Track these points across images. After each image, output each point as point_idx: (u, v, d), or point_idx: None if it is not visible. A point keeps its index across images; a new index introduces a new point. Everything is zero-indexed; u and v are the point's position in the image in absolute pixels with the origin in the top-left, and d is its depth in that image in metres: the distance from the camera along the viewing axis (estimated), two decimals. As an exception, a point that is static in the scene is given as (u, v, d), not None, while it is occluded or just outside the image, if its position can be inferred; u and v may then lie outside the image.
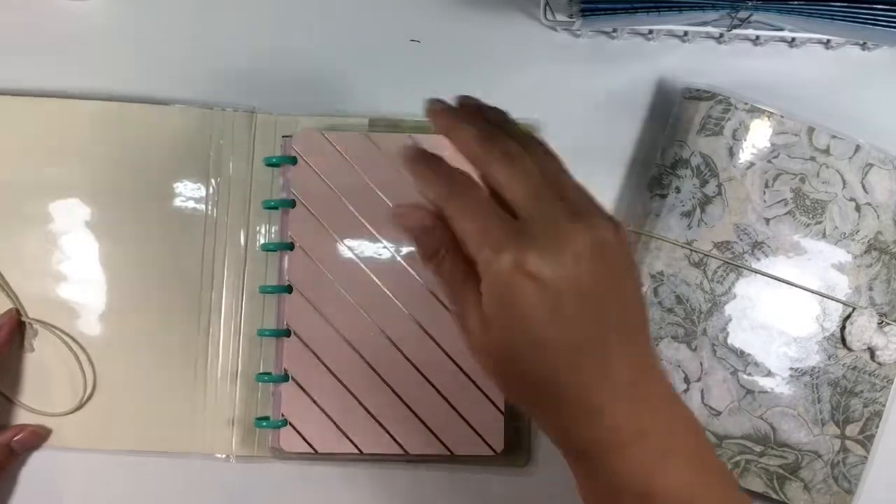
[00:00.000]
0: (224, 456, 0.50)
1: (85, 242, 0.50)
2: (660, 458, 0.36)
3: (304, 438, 0.48)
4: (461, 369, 0.48)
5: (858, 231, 0.49)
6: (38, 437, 0.49)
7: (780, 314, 0.49)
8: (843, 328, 0.48)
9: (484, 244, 0.35)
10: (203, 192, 0.51)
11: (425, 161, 0.37)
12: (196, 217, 0.51)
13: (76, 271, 0.50)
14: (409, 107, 0.52)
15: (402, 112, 0.52)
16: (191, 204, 0.51)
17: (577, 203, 0.36)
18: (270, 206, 0.50)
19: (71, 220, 0.50)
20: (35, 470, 0.50)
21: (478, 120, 0.38)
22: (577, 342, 0.35)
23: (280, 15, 0.53)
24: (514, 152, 0.37)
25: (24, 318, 0.50)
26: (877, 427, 0.49)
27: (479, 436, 0.48)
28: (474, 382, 0.48)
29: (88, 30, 0.52)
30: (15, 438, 0.49)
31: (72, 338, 0.50)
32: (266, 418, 0.49)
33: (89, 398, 0.50)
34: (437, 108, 0.38)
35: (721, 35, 0.51)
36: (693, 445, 0.38)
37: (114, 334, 0.50)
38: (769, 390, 0.48)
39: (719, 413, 0.48)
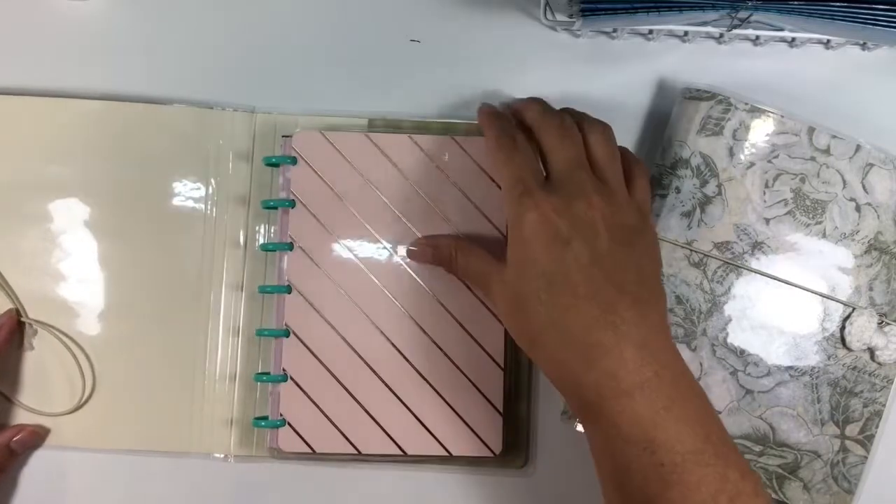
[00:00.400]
0: (222, 456, 0.50)
1: (84, 242, 0.50)
2: (663, 411, 0.37)
3: (302, 438, 0.48)
4: (460, 370, 0.48)
5: (858, 231, 0.49)
6: (38, 436, 0.50)
7: (780, 314, 0.48)
8: (842, 328, 0.48)
9: (515, 188, 0.41)
10: (202, 192, 0.51)
11: (495, 116, 0.46)
12: (195, 217, 0.51)
13: (76, 271, 0.50)
14: (409, 107, 0.52)
15: (402, 112, 0.52)
16: (190, 203, 0.51)
17: (611, 183, 0.41)
18: (270, 206, 0.50)
19: (70, 219, 0.50)
20: (34, 469, 0.50)
21: (546, 104, 0.46)
22: (586, 293, 0.38)
23: (280, 14, 0.53)
24: (569, 125, 0.43)
25: (23, 318, 0.50)
26: (877, 427, 0.48)
27: (478, 437, 0.48)
28: (473, 384, 0.48)
29: (88, 30, 0.52)
30: (14, 439, 0.49)
31: (71, 338, 0.50)
32: (265, 418, 0.49)
33: (88, 398, 0.50)
34: (519, 100, 0.47)
35: (721, 35, 0.51)
36: (697, 405, 0.39)
37: (113, 334, 0.50)
38: (768, 390, 0.48)
39: (719, 413, 0.48)
